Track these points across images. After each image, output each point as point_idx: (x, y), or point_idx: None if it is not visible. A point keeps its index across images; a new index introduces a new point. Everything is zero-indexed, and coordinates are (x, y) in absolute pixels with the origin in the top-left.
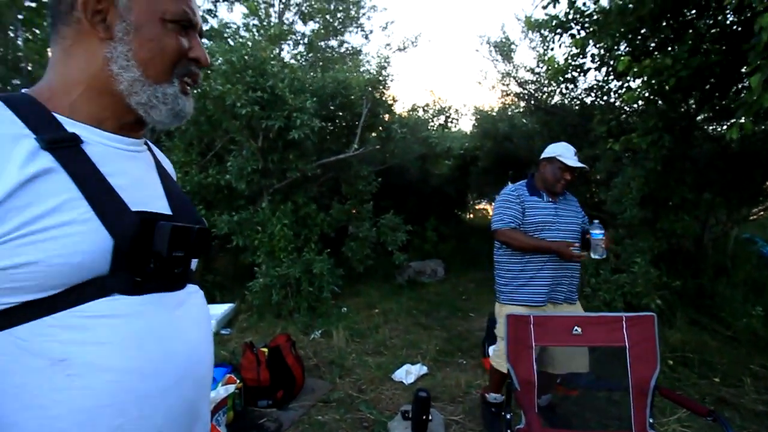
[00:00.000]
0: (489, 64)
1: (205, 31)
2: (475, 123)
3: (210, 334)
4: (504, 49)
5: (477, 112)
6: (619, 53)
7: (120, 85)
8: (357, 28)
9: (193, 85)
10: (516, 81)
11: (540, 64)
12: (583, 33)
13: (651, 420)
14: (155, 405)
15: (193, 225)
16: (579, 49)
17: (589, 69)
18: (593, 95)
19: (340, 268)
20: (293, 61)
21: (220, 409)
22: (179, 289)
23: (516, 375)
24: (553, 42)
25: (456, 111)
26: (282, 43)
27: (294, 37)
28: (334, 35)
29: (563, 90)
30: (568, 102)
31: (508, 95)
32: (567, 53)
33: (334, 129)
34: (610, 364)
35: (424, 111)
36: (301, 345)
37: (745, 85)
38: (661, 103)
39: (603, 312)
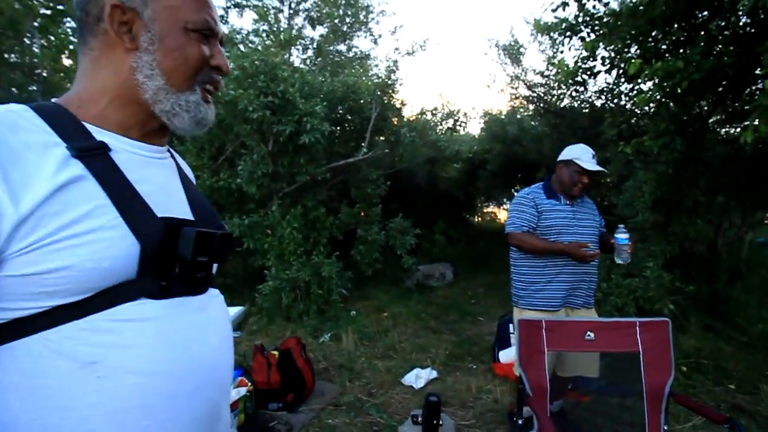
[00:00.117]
0: (498, 67)
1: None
2: (484, 126)
3: (230, 337)
4: (513, 53)
5: (485, 115)
6: (630, 56)
7: (145, 94)
8: (366, 32)
9: (214, 93)
10: (525, 84)
11: (549, 66)
12: (593, 36)
13: (666, 427)
14: (181, 407)
15: (216, 230)
16: (589, 53)
17: (599, 72)
18: (603, 98)
19: (348, 271)
20: (303, 66)
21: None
22: (202, 293)
23: (528, 380)
24: (563, 45)
25: (465, 114)
26: (291, 48)
27: (303, 42)
28: (342, 40)
29: (573, 93)
30: (577, 105)
31: (516, 98)
32: (577, 56)
33: (343, 133)
34: (621, 369)
35: (432, 114)
36: (311, 348)
37: (759, 87)
38: (673, 106)
39: (615, 317)
